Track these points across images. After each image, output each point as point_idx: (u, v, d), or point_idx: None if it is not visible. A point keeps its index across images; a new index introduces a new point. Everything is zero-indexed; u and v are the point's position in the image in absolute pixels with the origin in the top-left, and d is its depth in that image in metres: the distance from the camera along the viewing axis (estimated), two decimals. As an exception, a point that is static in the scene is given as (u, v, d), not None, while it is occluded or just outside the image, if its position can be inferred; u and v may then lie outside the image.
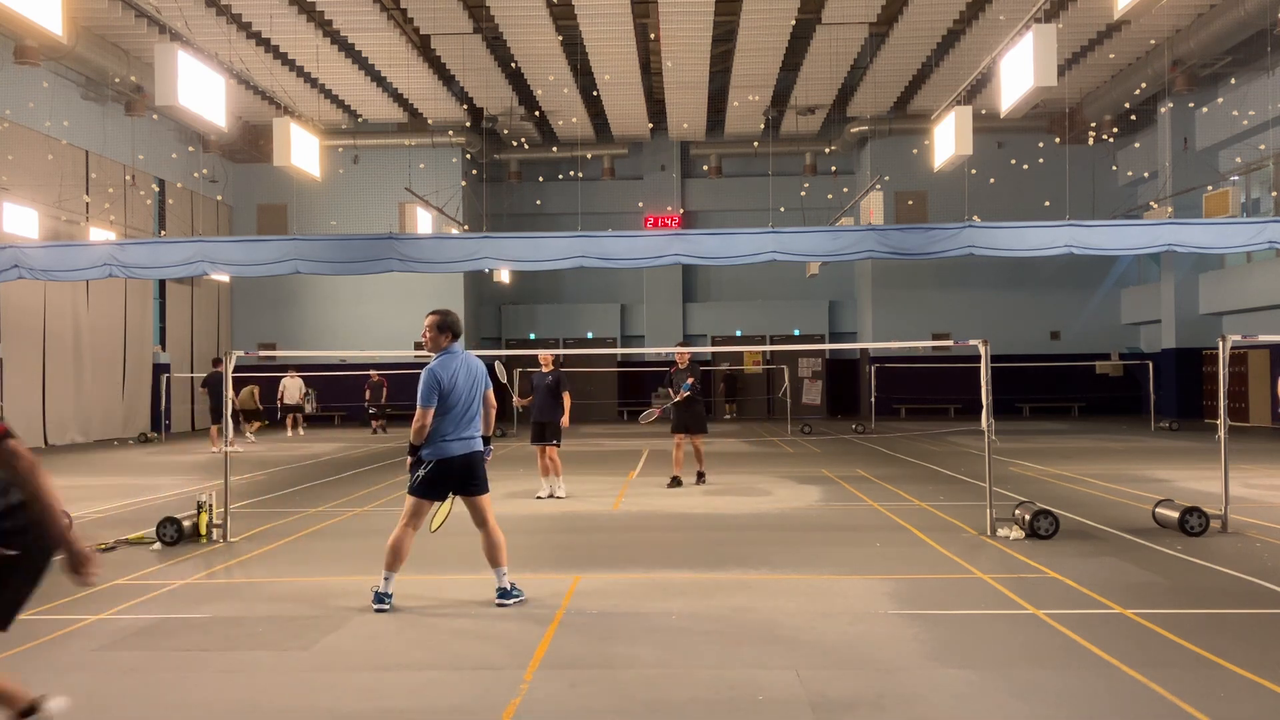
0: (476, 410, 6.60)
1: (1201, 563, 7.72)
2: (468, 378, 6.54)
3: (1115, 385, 31.68)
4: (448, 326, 6.61)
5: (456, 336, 6.65)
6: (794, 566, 7.81)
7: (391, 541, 6.50)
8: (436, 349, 6.60)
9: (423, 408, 6.39)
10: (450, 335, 6.61)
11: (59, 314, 23.33)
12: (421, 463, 6.49)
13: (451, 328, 6.62)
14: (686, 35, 23.13)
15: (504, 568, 6.64)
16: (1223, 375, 9.37)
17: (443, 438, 6.46)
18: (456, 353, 6.60)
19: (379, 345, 30.43)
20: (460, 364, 6.54)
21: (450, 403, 6.44)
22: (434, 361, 6.53)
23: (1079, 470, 14.68)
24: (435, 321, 6.61)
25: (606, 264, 19.45)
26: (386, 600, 6.48)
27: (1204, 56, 23.09)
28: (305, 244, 19.61)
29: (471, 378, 6.57)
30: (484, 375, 6.69)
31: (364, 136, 30.68)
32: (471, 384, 6.56)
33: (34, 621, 6.30)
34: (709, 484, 13.43)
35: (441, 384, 6.40)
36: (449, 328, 6.62)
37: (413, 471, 6.54)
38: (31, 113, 21.82)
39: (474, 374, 6.61)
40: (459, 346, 6.67)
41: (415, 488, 6.55)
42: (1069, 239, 18.64)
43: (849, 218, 26.34)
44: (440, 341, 6.59)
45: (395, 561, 6.50)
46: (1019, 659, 5.27)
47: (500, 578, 6.63)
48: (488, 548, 6.65)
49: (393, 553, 6.48)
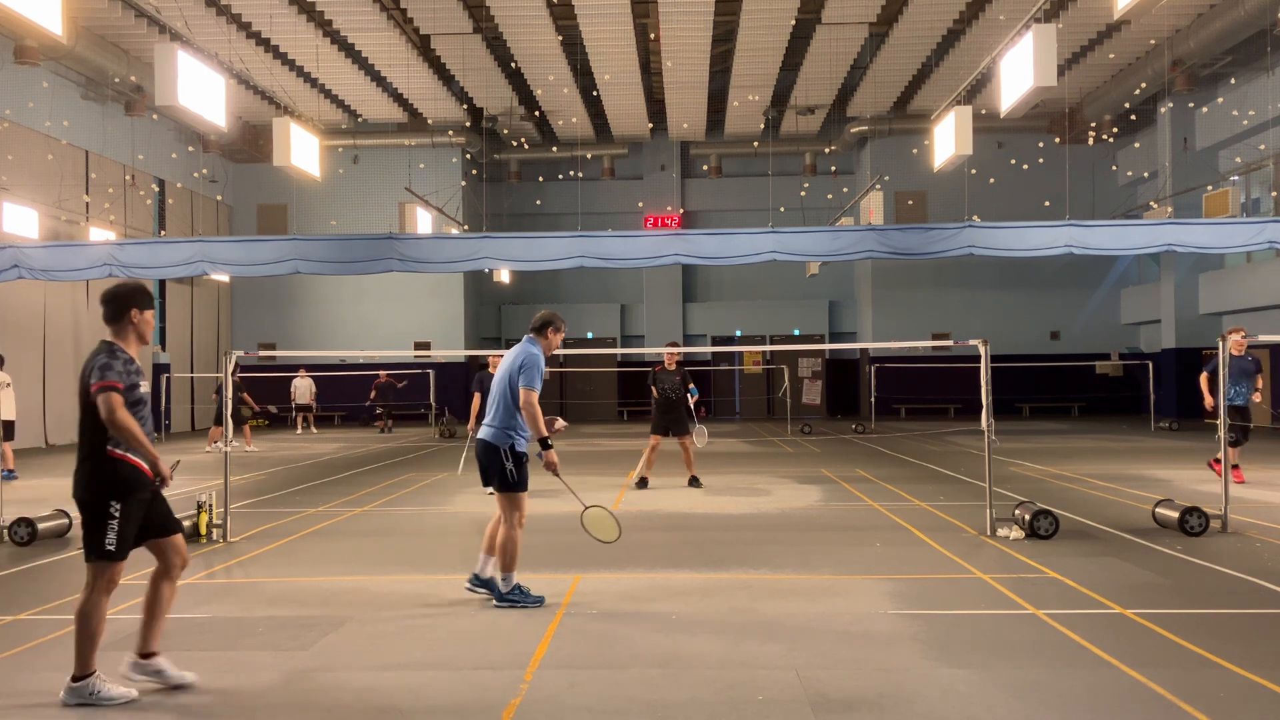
0: (497, 399, 6.74)
1: (1201, 563, 7.72)
2: (500, 369, 6.83)
3: (1115, 385, 31.68)
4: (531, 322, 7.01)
5: (532, 330, 6.94)
6: (794, 566, 7.81)
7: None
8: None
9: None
10: (530, 330, 6.96)
11: (59, 314, 23.34)
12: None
13: (533, 322, 6.97)
14: (686, 35, 23.13)
15: (495, 558, 6.65)
16: (1223, 375, 9.37)
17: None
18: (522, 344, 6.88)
19: (379, 345, 30.45)
20: (509, 353, 6.87)
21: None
22: None
23: (1079, 470, 14.68)
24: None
25: (606, 264, 19.45)
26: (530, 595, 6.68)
27: (1204, 56, 23.08)
28: (305, 244, 19.60)
29: (501, 369, 6.83)
30: (515, 367, 6.71)
31: (364, 136, 30.68)
32: (499, 375, 6.83)
33: (34, 621, 6.31)
34: (708, 485, 13.42)
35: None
36: (531, 322, 6.99)
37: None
38: (31, 113, 21.82)
39: (503, 363, 6.83)
40: (531, 339, 6.87)
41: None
42: (1069, 239, 18.64)
43: (849, 218, 26.34)
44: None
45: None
46: (1019, 659, 5.27)
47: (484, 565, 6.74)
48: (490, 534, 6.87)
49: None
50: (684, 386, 13.19)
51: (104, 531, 4.73)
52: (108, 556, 4.73)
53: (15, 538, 9.11)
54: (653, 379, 13.21)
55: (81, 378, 4.85)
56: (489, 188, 31.46)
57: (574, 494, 7.07)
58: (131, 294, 5.05)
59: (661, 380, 13.12)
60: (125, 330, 5.01)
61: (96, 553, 4.73)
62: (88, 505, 4.77)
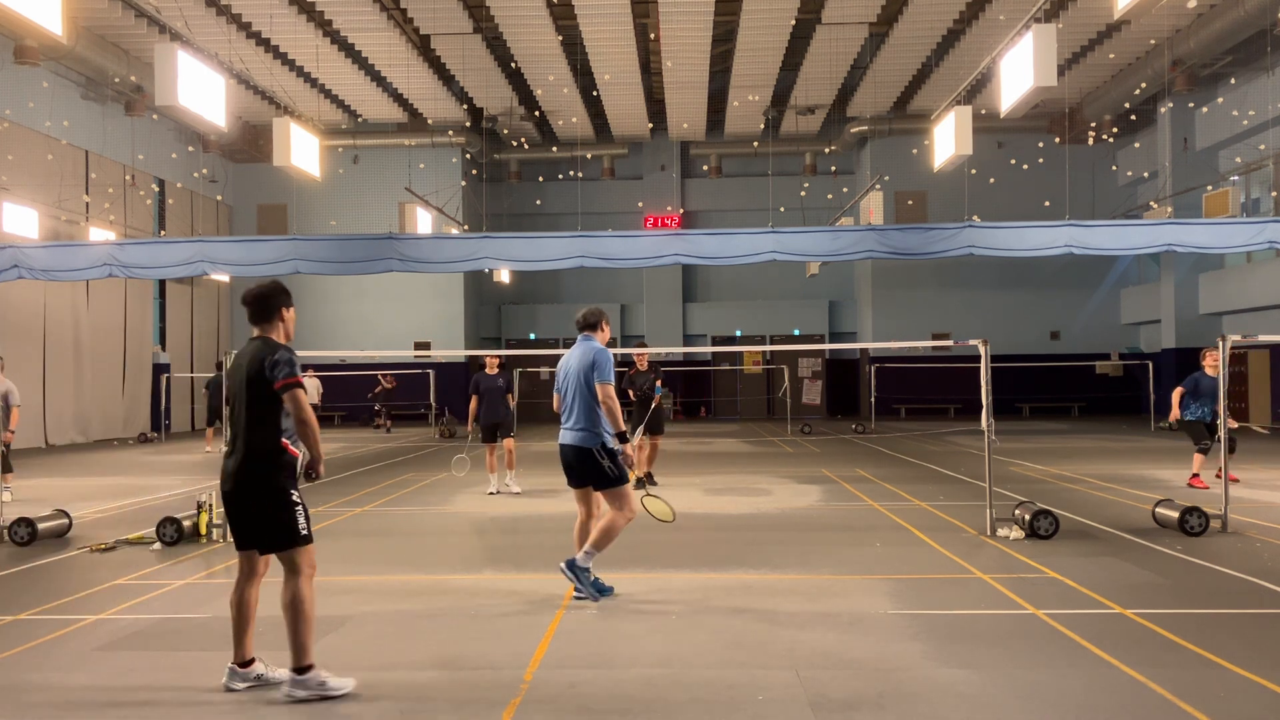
0: (572, 402, 6.73)
1: (1201, 563, 7.72)
2: (566, 369, 6.81)
3: (1115, 385, 31.68)
4: (578, 320, 7.03)
5: (585, 328, 6.95)
6: (794, 566, 7.81)
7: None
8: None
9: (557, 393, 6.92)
10: (583, 328, 6.97)
11: (59, 314, 23.34)
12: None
13: (582, 321, 6.99)
14: (686, 35, 23.13)
15: (589, 549, 6.67)
16: (1223, 375, 9.37)
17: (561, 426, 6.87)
18: (577, 344, 6.89)
19: (379, 345, 30.45)
20: (571, 354, 6.85)
21: (560, 392, 6.85)
22: None
23: (1079, 470, 14.68)
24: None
25: (606, 264, 19.45)
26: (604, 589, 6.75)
27: (1204, 56, 23.09)
28: (305, 244, 19.61)
29: (568, 368, 6.79)
30: (586, 365, 6.70)
31: (364, 136, 30.68)
32: (567, 375, 6.80)
33: (34, 621, 6.31)
34: (708, 484, 13.42)
35: (557, 374, 6.89)
36: (578, 321, 7.02)
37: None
38: (31, 113, 21.82)
39: (573, 364, 6.77)
40: (587, 337, 6.89)
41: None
42: (1069, 239, 18.64)
43: (849, 218, 26.33)
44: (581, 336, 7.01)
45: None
46: (1019, 659, 5.27)
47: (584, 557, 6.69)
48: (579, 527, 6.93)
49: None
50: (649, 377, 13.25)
51: (296, 517, 4.90)
52: (308, 539, 4.92)
53: (15, 538, 9.11)
54: (629, 381, 13.26)
55: (247, 373, 4.90)
56: (489, 188, 31.46)
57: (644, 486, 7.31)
58: (280, 293, 5.14)
59: (638, 381, 13.21)
60: (275, 329, 5.10)
61: (297, 539, 4.88)
62: (272, 497, 4.87)
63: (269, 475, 4.87)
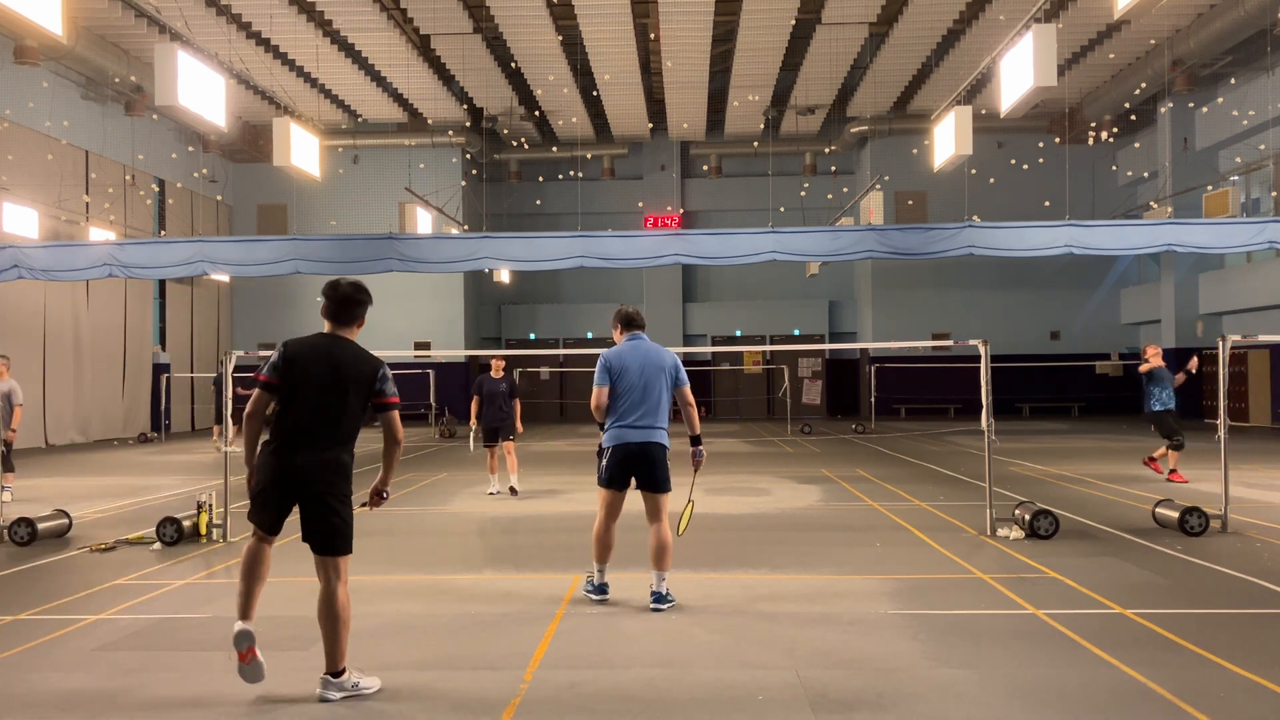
0: (656, 401, 6.58)
1: (1201, 563, 7.72)
2: (639, 366, 6.59)
3: (1115, 385, 31.68)
4: (616, 319, 6.91)
5: (629, 327, 6.82)
6: (794, 566, 7.81)
7: (593, 535, 6.72)
8: (616, 340, 6.88)
9: (595, 386, 6.66)
10: (621, 326, 6.86)
11: (59, 314, 23.34)
12: (603, 452, 6.64)
13: (620, 320, 6.86)
14: (686, 35, 23.13)
15: (663, 573, 6.51)
16: (1223, 375, 9.37)
17: (617, 424, 6.56)
18: (635, 341, 6.74)
19: (379, 345, 30.00)
20: (635, 351, 6.64)
21: (620, 389, 6.57)
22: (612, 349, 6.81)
23: (1079, 470, 14.68)
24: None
25: (606, 264, 19.46)
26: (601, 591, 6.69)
27: (1204, 56, 23.09)
28: (305, 244, 19.61)
29: (641, 366, 6.59)
30: (668, 367, 6.66)
31: (364, 136, 30.68)
32: (641, 372, 6.57)
33: (34, 621, 6.31)
34: (708, 485, 13.41)
35: (610, 367, 6.60)
36: (616, 319, 6.90)
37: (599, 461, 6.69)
38: (31, 113, 21.82)
39: (647, 363, 6.60)
40: (639, 335, 6.79)
41: (600, 478, 6.67)
42: (1069, 239, 18.64)
43: (849, 218, 26.35)
44: (616, 334, 6.90)
45: (603, 553, 6.69)
46: (1019, 659, 5.27)
47: (657, 582, 6.52)
48: (652, 547, 6.59)
49: (597, 545, 6.69)
50: None
51: (352, 524, 4.88)
52: (351, 549, 4.91)
53: (15, 538, 9.11)
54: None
55: (355, 374, 4.88)
56: (489, 188, 31.46)
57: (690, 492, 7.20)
58: (369, 301, 5.10)
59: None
60: (352, 332, 5.07)
61: (349, 546, 4.88)
62: (344, 500, 4.87)
63: (348, 478, 4.90)
